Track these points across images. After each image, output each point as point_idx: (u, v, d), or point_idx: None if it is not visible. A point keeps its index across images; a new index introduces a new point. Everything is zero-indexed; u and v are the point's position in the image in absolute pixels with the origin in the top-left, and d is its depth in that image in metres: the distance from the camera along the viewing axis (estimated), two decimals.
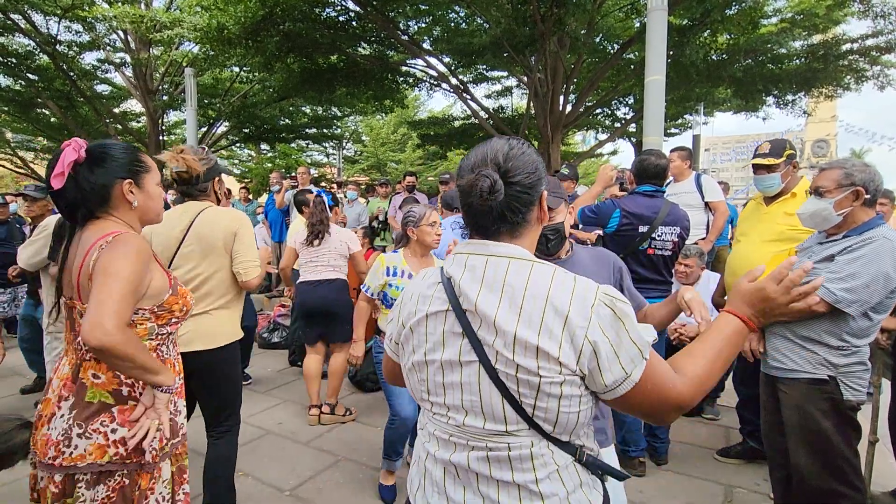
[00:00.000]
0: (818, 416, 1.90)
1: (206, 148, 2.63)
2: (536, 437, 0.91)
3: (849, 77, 9.78)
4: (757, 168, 2.54)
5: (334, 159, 19.42)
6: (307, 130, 15.24)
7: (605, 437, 1.62)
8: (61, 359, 1.43)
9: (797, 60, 9.51)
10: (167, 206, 1.88)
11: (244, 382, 4.31)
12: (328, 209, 3.71)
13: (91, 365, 1.35)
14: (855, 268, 1.80)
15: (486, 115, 11.13)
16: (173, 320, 1.48)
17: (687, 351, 0.97)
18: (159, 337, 1.45)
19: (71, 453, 1.30)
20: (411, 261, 2.61)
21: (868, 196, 1.87)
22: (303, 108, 14.52)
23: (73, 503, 1.32)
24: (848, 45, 9.28)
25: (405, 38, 9.24)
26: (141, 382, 1.37)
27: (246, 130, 13.95)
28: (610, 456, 1.63)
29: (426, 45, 9.83)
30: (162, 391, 1.37)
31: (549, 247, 1.72)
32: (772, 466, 2.25)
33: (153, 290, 1.40)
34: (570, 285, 0.89)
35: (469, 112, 11.42)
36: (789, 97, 10.68)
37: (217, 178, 2.21)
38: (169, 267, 1.99)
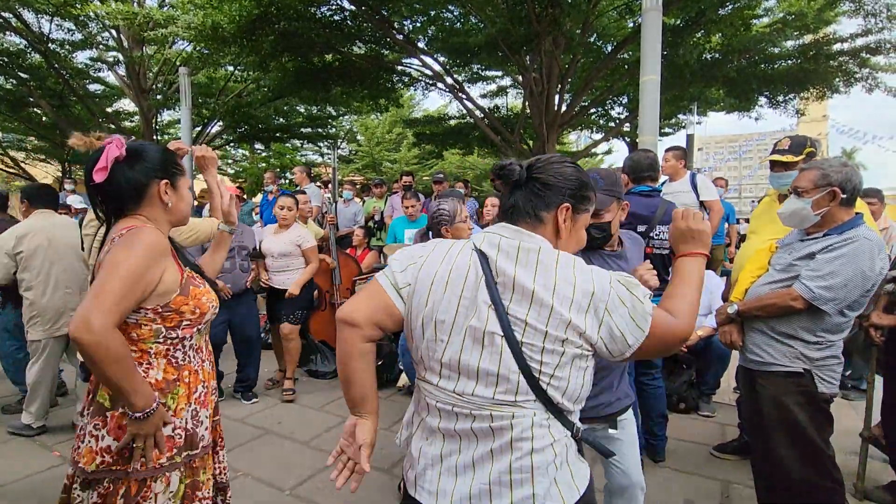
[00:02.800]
0: (794, 408, 1.95)
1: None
2: (540, 408, 1.03)
3: (838, 79, 9.88)
4: (774, 165, 2.47)
5: (329, 159, 19.36)
6: (302, 130, 15.15)
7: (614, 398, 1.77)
8: None
9: (789, 61, 9.59)
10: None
11: (252, 402, 3.95)
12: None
13: None
14: (834, 266, 1.84)
15: (482, 115, 11.13)
16: (184, 323, 1.39)
17: (669, 295, 1.17)
18: (169, 341, 1.37)
19: (79, 448, 1.34)
20: None
21: (845, 196, 1.89)
22: (298, 108, 14.44)
23: (72, 501, 1.33)
24: (839, 46, 9.37)
25: (400, 37, 9.22)
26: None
27: (240, 130, 13.85)
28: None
29: (421, 45, 9.82)
30: (134, 415, 1.22)
31: (594, 243, 1.80)
32: (753, 458, 2.29)
33: (162, 288, 1.32)
34: (590, 270, 1.05)
35: (464, 111, 11.41)
36: (781, 97, 10.78)
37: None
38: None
